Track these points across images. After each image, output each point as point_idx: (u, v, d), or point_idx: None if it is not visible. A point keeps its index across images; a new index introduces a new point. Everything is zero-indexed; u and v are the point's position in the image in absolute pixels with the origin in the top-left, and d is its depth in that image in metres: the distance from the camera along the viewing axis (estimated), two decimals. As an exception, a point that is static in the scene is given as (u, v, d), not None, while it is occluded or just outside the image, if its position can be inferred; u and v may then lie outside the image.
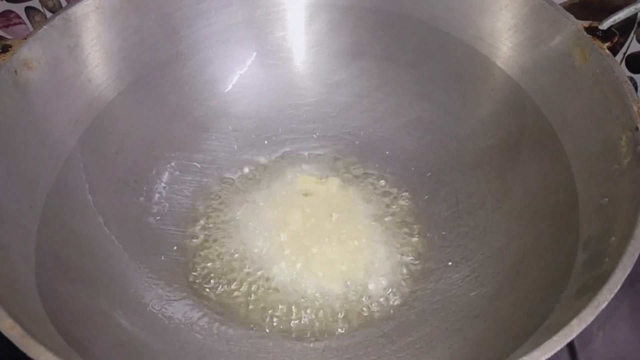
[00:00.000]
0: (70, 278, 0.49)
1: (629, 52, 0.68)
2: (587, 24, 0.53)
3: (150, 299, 0.53)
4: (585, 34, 0.52)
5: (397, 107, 0.68)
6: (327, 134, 0.69)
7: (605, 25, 0.52)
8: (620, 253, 0.39)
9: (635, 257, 0.39)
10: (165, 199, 0.62)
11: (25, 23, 0.84)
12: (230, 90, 0.68)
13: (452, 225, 0.60)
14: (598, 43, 0.51)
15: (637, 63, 0.69)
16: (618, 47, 0.68)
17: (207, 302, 0.55)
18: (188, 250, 0.59)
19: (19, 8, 0.82)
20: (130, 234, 0.57)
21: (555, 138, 0.53)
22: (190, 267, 0.58)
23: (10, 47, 0.52)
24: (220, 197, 0.64)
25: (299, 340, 0.52)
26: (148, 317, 0.52)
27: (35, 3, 0.81)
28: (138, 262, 0.55)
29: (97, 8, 0.57)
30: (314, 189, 0.65)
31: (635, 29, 0.65)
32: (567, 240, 0.47)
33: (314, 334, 0.53)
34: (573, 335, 0.35)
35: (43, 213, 0.50)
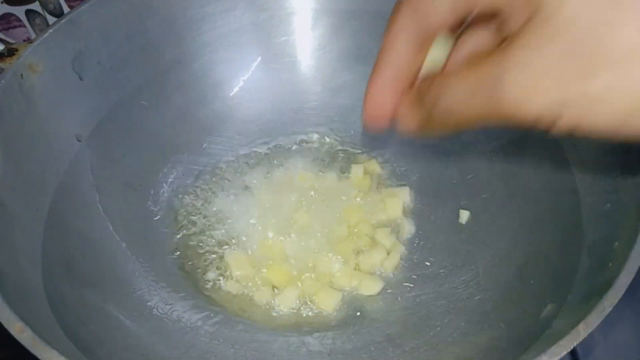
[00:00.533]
0: (77, 281, 0.49)
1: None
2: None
3: (156, 302, 0.53)
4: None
5: (399, 110, 0.68)
6: (329, 137, 0.70)
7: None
8: (625, 258, 0.40)
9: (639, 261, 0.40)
10: (170, 202, 0.62)
11: (26, 26, 0.84)
12: (235, 94, 0.68)
13: (455, 229, 0.60)
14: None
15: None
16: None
17: (212, 305, 0.55)
18: (193, 254, 0.59)
19: (20, 11, 0.82)
20: (136, 237, 0.57)
21: (558, 142, 0.54)
22: (196, 270, 0.58)
23: (17, 50, 0.52)
24: (224, 199, 0.64)
25: (304, 345, 0.52)
26: (154, 320, 0.52)
27: (36, 6, 0.81)
28: (144, 265, 0.55)
29: (102, 12, 0.57)
30: (315, 185, 0.65)
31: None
32: (571, 245, 0.47)
33: (320, 338, 0.53)
34: (580, 339, 0.36)
35: (49, 216, 0.50)
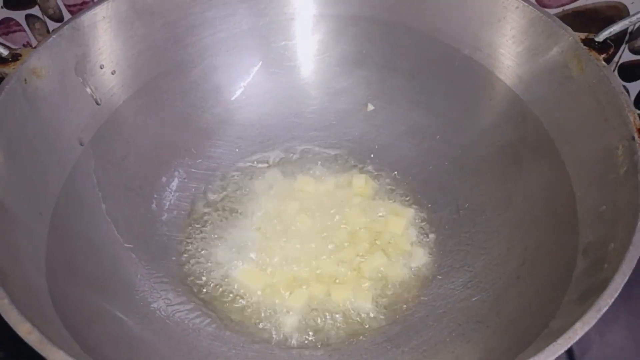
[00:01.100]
0: (81, 282, 0.50)
1: (621, 61, 0.70)
2: (583, 36, 0.54)
3: (159, 304, 0.54)
4: (582, 46, 0.53)
5: (396, 115, 0.69)
6: (328, 141, 0.70)
7: (601, 37, 0.53)
8: (620, 259, 0.40)
9: (634, 263, 0.40)
10: (171, 205, 0.63)
11: (26, 30, 0.85)
12: (235, 98, 0.69)
13: (453, 232, 0.61)
14: (594, 54, 0.53)
15: (629, 72, 0.71)
16: (611, 56, 0.70)
17: (213, 308, 0.56)
18: (194, 256, 0.60)
19: (19, 16, 0.82)
20: (138, 239, 0.58)
21: (554, 147, 0.55)
22: (196, 273, 0.59)
23: (20, 56, 0.52)
24: (224, 203, 0.65)
25: (305, 346, 0.53)
26: (157, 322, 0.52)
27: (36, 11, 0.82)
28: (146, 267, 0.56)
29: (104, 17, 0.58)
30: (313, 190, 0.66)
31: (627, 40, 0.67)
32: (567, 247, 0.48)
33: (321, 338, 0.54)
34: (576, 339, 0.37)
35: (52, 219, 0.51)
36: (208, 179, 0.66)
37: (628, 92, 0.73)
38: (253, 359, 0.52)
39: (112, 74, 0.60)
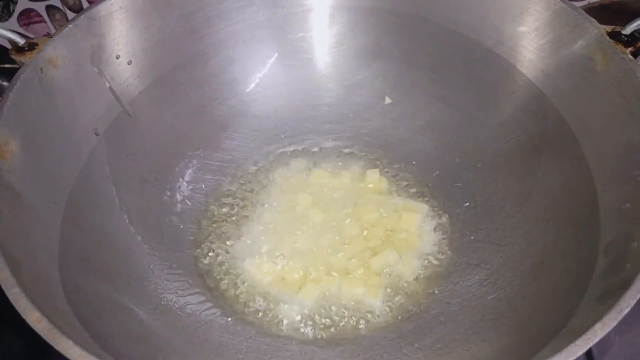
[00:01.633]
0: (93, 273, 0.50)
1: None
2: (609, 29, 0.52)
3: (171, 296, 0.54)
4: (608, 39, 0.52)
5: (414, 108, 0.68)
6: (344, 135, 0.70)
7: (629, 30, 0.52)
8: (643, 258, 0.39)
9: (658, 262, 0.39)
10: (185, 197, 0.63)
11: (46, 21, 0.85)
12: (250, 90, 0.68)
13: (470, 228, 0.60)
14: (621, 48, 0.51)
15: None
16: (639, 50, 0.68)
17: (225, 300, 0.56)
18: (206, 249, 0.60)
19: (40, 6, 0.83)
20: (151, 231, 0.58)
21: (576, 142, 0.53)
22: (209, 265, 0.59)
23: (37, 45, 0.52)
24: (238, 196, 0.64)
25: (316, 340, 0.53)
26: (168, 313, 0.52)
27: (56, 1, 0.82)
28: (159, 259, 0.56)
29: (120, 8, 0.58)
30: (327, 184, 0.65)
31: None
32: (587, 244, 0.47)
33: (333, 333, 0.53)
34: (596, 340, 0.35)
35: (66, 208, 0.51)
36: (223, 171, 0.66)
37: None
38: (264, 352, 0.52)
39: (128, 65, 0.60)
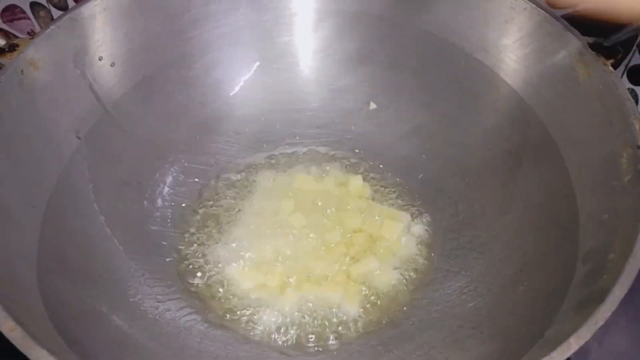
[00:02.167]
0: (71, 278, 0.49)
1: (631, 64, 0.69)
2: (591, 40, 0.53)
3: (150, 302, 0.53)
4: (590, 50, 0.52)
5: (399, 114, 0.68)
6: (329, 139, 0.70)
7: (610, 42, 0.52)
8: (619, 270, 0.39)
9: (634, 274, 0.39)
10: (167, 201, 0.62)
11: (30, 18, 0.84)
12: (235, 94, 0.68)
13: (452, 235, 0.60)
14: (602, 59, 0.52)
15: (639, 75, 0.69)
16: (620, 61, 0.68)
17: (205, 306, 0.55)
18: (187, 254, 0.60)
19: (24, 3, 0.82)
20: (132, 236, 0.57)
21: (557, 151, 0.54)
22: (189, 270, 0.58)
23: (17, 46, 0.52)
24: (220, 200, 0.64)
25: (297, 348, 0.53)
26: (147, 319, 0.52)
27: (41, -2, 0.81)
28: (139, 263, 0.56)
29: (104, 9, 0.57)
30: (311, 189, 0.65)
31: (638, 42, 0.66)
32: (567, 253, 0.47)
33: (313, 340, 0.53)
34: (570, 352, 0.36)
35: (45, 212, 0.50)
36: (206, 175, 0.65)
37: (637, 96, 0.72)
38: (244, 359, 0.52)
39: (111, 67, 0.59)
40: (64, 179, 0.53)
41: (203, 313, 0.55)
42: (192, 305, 0.55)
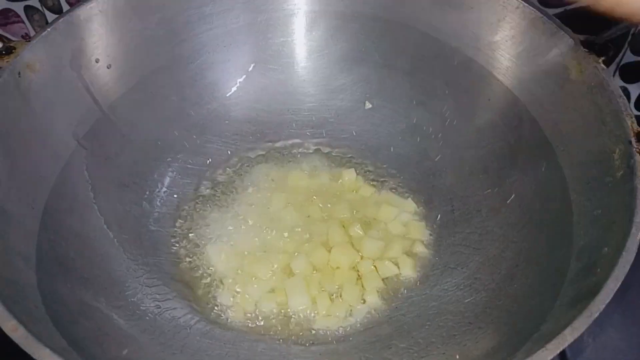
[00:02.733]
0: (71, 278, 0.49)
1: (623, 62, 0.69)
2: (583, 38, 0.53)
3: (149, 301, 0.53)
4: (582, 48, 0.53)
5: (394, 113, 0.69)
6: (325, 139, 0.70)
7: (602, 40, 0.53)
8: (613, 264, 0.40)
9: (627, 268, 0.40)
10: (164, 202, 0.63)
11: (24, 22, 0.84)
12: (231, 95, 0.68)
13: (447, 232, 0.61)
14: (594, 57, 0.52)
15: (631, 73, 0.70)
16: (612, 59, 0.69)
17: (203, 305, 0.56)
18: (185, 253, 0.60)
19: (19, 7, 0.82)
20: (130, 236, 0.57)
21: (550, 148, 0.54)
22: (187, 269, 0.59)
23: (14, 49, 0.52)
24: (216, 200, 0.64)
25: (296, 344, 0.53)
26: (146, 318, 0.52)
27: (35, 2, 0.81)
28: (137, 263, 0.56)
29: (100, 11, 0.58)
30: (305, 185, 0.65)
31: (630, 40, 0.67)
32: (561, 249, 0.48)
33: (309, 336, 0.54)
34: (565, 344, 0.36)
35: (44, 214, 0.51)
36: (202, 175, 0.66)
37: (629, 93, 0.72)
38: (245, 356, 0.52)
39: (107, 69, 0.60)
40: (62, 181, 0.54)
41: (201, 311, 0.55)
42: (190, 304, 0.55)
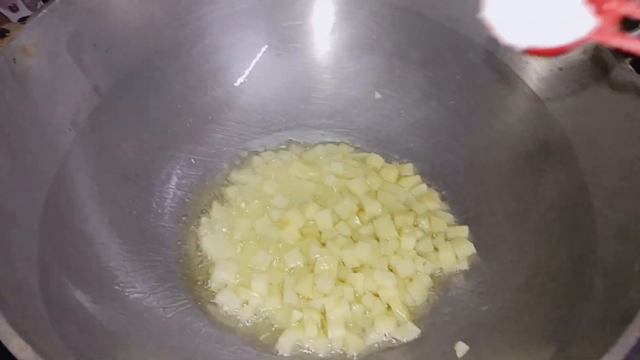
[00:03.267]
0: (73, 279, 0.47)
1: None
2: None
3: (152, 302, 0.51)
4: (608, 48, 0.51)
5: (404, 105, 0.67)
6: (332, 130, 0.68)
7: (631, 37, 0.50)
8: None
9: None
10: (167, 194, 0.60)
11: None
12: (236, 81, 0.65)
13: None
14: (620, 58, 0.50)
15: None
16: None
17: (204, 305, 0.54)
18: (188, 249, 0.58)
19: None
20: (133, 231, 0.55)
21: (573, 153, 0.52)
22: (191, 267, 0.56)
23: (8, 32, 0.48)
24: (221, 192, 0.62)
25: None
26: (146, 319, 0.50)
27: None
28: (140, 261, 0.54)
29: (99, -10, 0.54)
30: (308, 177, 0.64)
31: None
32: (583, 263, 0.46)
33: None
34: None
35: (44, 210, 0.48)
36: (206, 166, 0.63)
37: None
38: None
39: (106, 52, 0.56)
40: (62, 174, 0.51)
41: (203, 313, 0.53)
42: (192, 305, 0.53)
